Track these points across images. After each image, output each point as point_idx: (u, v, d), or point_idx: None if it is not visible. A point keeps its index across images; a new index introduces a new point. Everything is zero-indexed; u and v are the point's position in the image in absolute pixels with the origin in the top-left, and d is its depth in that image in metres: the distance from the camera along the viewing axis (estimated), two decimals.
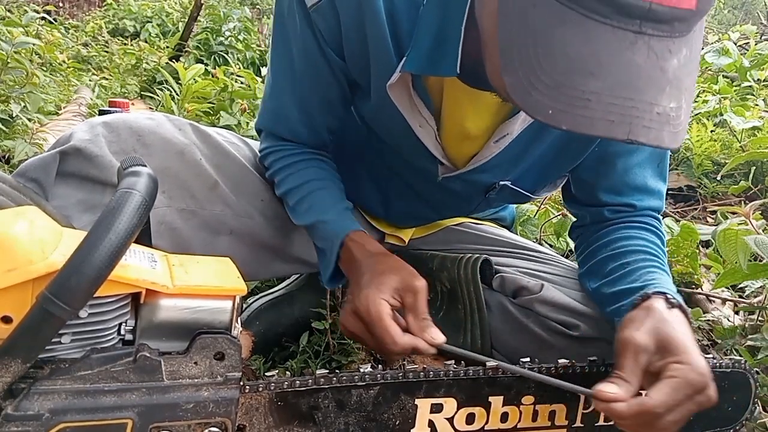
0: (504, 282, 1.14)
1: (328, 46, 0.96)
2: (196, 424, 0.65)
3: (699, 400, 0.76)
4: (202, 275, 0.67)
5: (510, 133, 0.95)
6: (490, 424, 0.82)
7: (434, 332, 0.85)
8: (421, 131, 0.97)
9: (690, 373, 0.75)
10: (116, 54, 4.82)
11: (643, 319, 0.81)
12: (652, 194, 1.06)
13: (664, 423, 0.74)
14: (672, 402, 0.74)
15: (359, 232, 0.99)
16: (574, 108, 0.59)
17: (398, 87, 0.91)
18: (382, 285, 0.87)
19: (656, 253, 0.99)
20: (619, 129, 0.59)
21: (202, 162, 1.06)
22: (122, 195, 0.57)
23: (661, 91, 0.60)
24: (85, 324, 0.60)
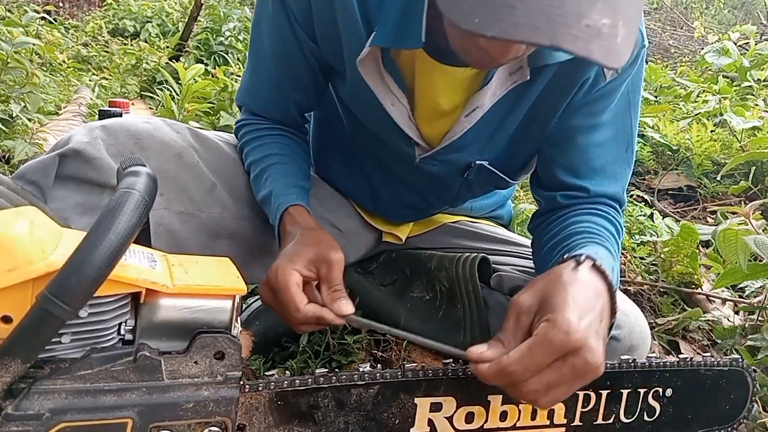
0: (502, 281, 1.14)
1: (300, 28, 0.98)
2: (196, 424, 0.65)
3: (574, 363, 0.69)
4: (201, 275, 0.67)
5: (480, 106, 0.94)
6: (489, 422, 0.82)
7: (343, 303, 0.86)
8: (393, 110, 0.97)
9: (551, 331, 0.69)
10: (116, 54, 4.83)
11: (537, 281, 0.77)
12: (610, 179, 1.02)
13: (530, 386, 0.70)
14: (531, 363, 0.69)
15: (297, 206, 0.99)
16: (499, 14, 0.59)
17: (368, 63, 0.92)
18: (296, 256, 0.88)
19: (598, 232, 0.94)
20: (543, 35, 0.59)
21: (199, 165, 1.07)
22: (122, 195, 0.57)
23: (591, 5, 0.60)
24: (85, 324, 0.60)
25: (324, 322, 0.86)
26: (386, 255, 1.34)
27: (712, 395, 0.92)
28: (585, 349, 0.69)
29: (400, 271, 1.31)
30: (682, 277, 1.74)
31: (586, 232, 0.93)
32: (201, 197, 1.06)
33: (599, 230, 0.94)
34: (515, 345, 0.72)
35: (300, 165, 1.10)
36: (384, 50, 0.91)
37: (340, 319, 0.86)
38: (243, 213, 1.11)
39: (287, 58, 1.04)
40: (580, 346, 0.69)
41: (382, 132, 1.04)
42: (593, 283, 0.77)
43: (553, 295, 0.73)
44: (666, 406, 0.89)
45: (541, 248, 1.03)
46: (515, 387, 0.71)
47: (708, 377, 0.90)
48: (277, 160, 1.07)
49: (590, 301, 0.74)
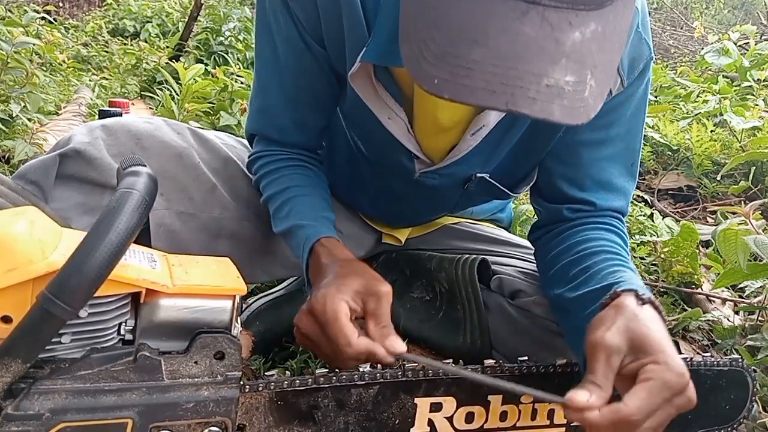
0: (502, 283, 1.14)
1: (309, 35, 0.95)
2: (196, 424, 0.65)
3: (678, 402, 0.70)
4: (201, 275, 0.67)
5: (486, 124, 0.92)
6: (489, 423, 0.82)
7: (395, 340, 0.79)
8: (390, 124, 0.95)
9: (667, 373, 0.70)
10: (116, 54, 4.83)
11: (614, 318, 0.75)
12: (616, 193, 1.01)
13: (643, 429, 0.69)
14: (649, 407, 0.69)
15: (330, 239, 0.94)
16: (456, 77, 0.58)
17: (360, 78, 0.90)
18: (342, 286, 0.82)
19: (618, 252, 0.93)
20: (500, 98, 0.58)
21: (200, 165, 1.06)
22: (122, 195, 0.57)
23: (553, 63, 0.58)
24: (85, 324, 0.60)
25: (374, 359, 0.79)
26: (386, 256, 1.34)
27: (712, 395, 0.91)
28: (689, 389, 0.71)
29: (399, 272, 1.31)
30: (682, 277, 1.74)
31: (606, 252, 0.93)
32: (201, 197, 1.06)
33: (618, 249, 0.94)
34: (609, 387, 0.71)
35: (324, 196, 1.05)
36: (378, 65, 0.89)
37: (391, 357, 0.79)
38: (243, 213, 1.11)
39: (304, 73, 0.99)
40: (687, 385, 0.71)
41: (382, 146, 1.02)
42: (660, 319, 0.77)
43: (644, 335, 0.73)
44: None
45: (552, 261, 1.01)
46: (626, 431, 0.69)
47: (708, 377, 0.90)
48: (299, 192, 1.01)
49: (670, 338, 0.75)
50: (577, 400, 0.69)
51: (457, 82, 0.58)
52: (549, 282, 1.02)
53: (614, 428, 0.69)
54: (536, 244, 1.09)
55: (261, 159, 1.06)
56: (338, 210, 1.26)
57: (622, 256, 0.93)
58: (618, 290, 0.80)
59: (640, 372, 0.71)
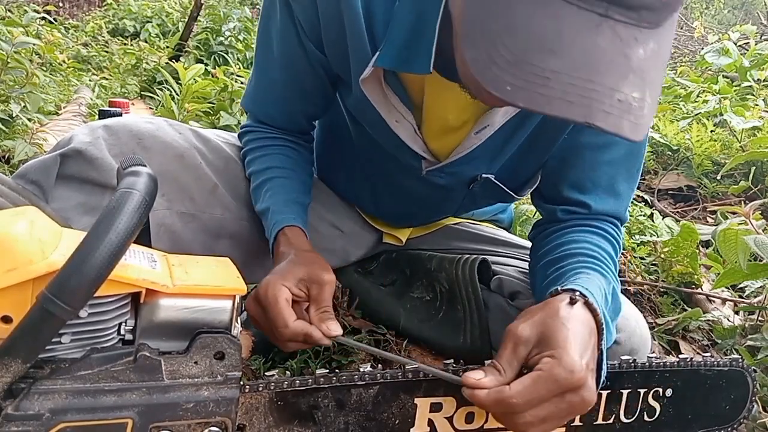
0: (502, 283, 1.14)
1: (307, 38, 0.97)
2: (196, 424, 0.65)
3: (571, 399, 0.71)
4: (201, 275, 0.67)
5: (491, 124, 0.93)
6: (489, 423, 0.82)
7: (332, 324, 0.85)
8: (398, 126, 0.96)
9: (556, 368, 0.70)
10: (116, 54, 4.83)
11: (535, 312, 0.77)
12: (615, 198, 1.01)
13: (526, 417, 0.70)
14: (531, 395, 0.69)
15: (293, 228, 0.99)
16: (532, 85, 0.58)
17: (371, 82, 0.91)
18: (288, 273, 0.87)
19: (596, 255, 0.93)
20: (577, 110, 0.58)
21: (201, 165, 1.06)
22: (122, 195, 0.57)
23: (623, 78, 0.59)
24: (85, 324, 0.60)
25: (311, 340, 0.85)
26: (386, 255, 1.34)
27: (712, 395, 0.91)
28: (584, 388, 0.71)
29: (400, 272, 1.31)
30: (682, 277, 1.74)
31: (582, 255, 0.93)
32: (202, 198, 1.06)
33: (595, 252, 0.94)
34: (511, 374, 0.73)
35: (302, 179, 1.09)
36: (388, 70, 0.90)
37: (327, 339, 0.85)
38: (244, 214, 1.11)
39: (294, 68, 1.02)
40: (581, 385, 0.71)
41: (389, 145, 1.03)
42: (587, 321, 0.77)
43: (553, 330, 0.74)
44: (666, 406, 0.89)
45: (536, 261, 1.02)
46: (510, 416, 0.71)
47: (708, 377, 0.90)
48: (279, 173, 1.06)
49: (586, 339, 0.75)
50: (469, 378, 0.72)
51: (533, 90, 0.58)
52: (532, 280, 1.04)
53: (498, 409, 0.71)
54: (533, 242, 1.10)
55: (250, 134, 1.12)
56: (339, 208, 1.26)
57: (599, 260, 0.92)
58: (559, 289, 0.81)
59: (537, 363, 0.72)
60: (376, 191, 1.21)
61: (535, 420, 0.71)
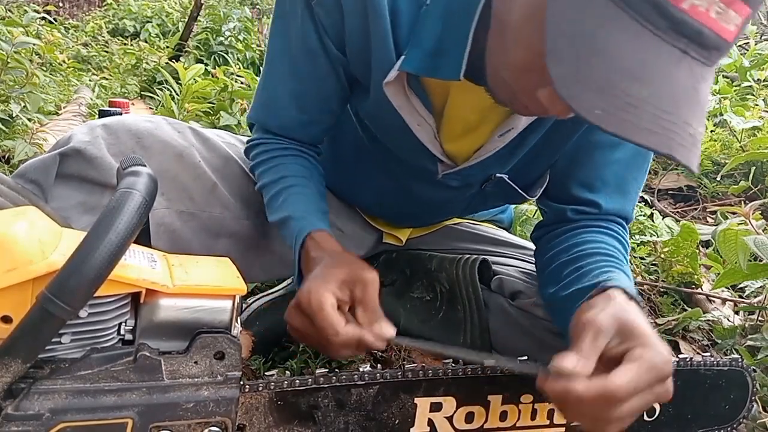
0: (502, 284, 1.14)
1: (329, 39, 0.94)
2: (196, 424, 0.65)
3: (657, 390, 0.70)
4: (201, 275, 0.67)
5: (515, 127, 0.93)
6: (489, 422, 0.82)
7: (384, 325, 0.81)
8: (419, 130, 0.96)
9: (656, 357, 0.70)
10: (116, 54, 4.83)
11: (603, 305, 0.76)
12: (624, 197, 1.02)
13: (621, 411, 0.68)
14: (635, 386, 0.68)
15: (321, 232, 0.94)
16: (620, 112, 0.59)
17: (395, 85, 0.90)
18: (328, 277, 0.83)
19: (614, 254, 0.94)
20: (661, 142, 0.59)
21: (201, 164, 1.06)
22: (122, 195, 0.57)
23: (693, 112, 0.61)
24: (85, 324, 0.60)
25: (364, 345, 0.81)
26: (386, 255, 1.34)
27: (711, 395, 0.91)
28: (670, 379, 0.71)
29: (400, 272, 1.31)
30: (682, 277, 1.74)
31: (601, 254, 0.93)
32: (202, 197, 1.06)
33: (614, 252, 0.94)
34: (592, 364, 0.70)
35: (319, 189, 1.05)
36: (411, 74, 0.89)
37: (381, 342, 0.81)
38: (244, 213, 1.11)
39: (315, 74, 0.99)
40: (670, 374, 0.71)
41: (403, 148, 1.02)
42: (644, 316, 0.78)
43: (632, 323, 0.73)
44: (666, 406, 0.89)
45: (548, 261, 1.01)
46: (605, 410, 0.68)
47: (707, 377, 0.90)
48: (295, 182, 1.01)
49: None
50: (563, 365, 0.68)
51: (621, 117, 0.59)
52: (545, 281, 1.02)
53: (595, 405, 0.67)
54: (537, 244, 1.09)
55: (259, 146, 1.07)
56: (339, 209, 1.26)
57: (618, 260, 0.93)
58: (607, 285, 0.81)
59: (628, 354, 0.71)
60: (382, 194, 1.20)
61: (629, 412, 0.69)
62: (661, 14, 0.57)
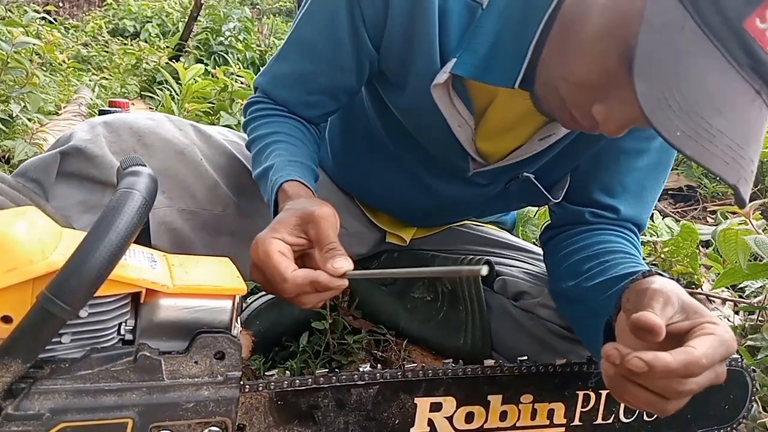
0: (506, 285, 1.14)
1: (365, 32, 0.92)
2: (196, 424, 0.65)
3: (718, 370, 0.67)
4: (201, 275, 0.67)
5: (556, 133, 0.93)
6: (489, 422, 0.82)
7: (339, 260, 0.75)
8: (459, 131, 0.96)
9: (726, 333, 0.68)
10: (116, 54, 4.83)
11: (661, 282, 0.74)
12: (642, 205, 1.03)
13: (693, 385, 0.65)
14: (714, 358, 0.65)
15: (292, 182, 0.88)
16: (700, 138, 0.61)
17: (441, 87, 0.90)
18: (278, 225, 0.79)
19: (633, 254, 0.95)
20: (731, 173, 0.62)
21: (202, 162, 1.06)
22: (122, 195, 0.56)
23: (756, 152, 0.64)
24: (85, 324, 0.60)
25: (321, 287, 0.75)
26: (387, 254, 1.34)
27: (711, 395, 0.91)
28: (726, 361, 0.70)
29: None
30: (682, 277, 1.74)
31: (626, 253, 0.95)
32: (203, 195, 1.06)
33: (632, 251, 0.96)
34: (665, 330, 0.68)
35: (309, 150, 1.00)
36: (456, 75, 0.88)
37: (338, 280, 0.75)
38: (245, 211, 1.10)
39: (333, 62, 0.96)
40: (730, 356, 0.70)
41: (437, 146, 1.02)
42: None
43: (693, 302, 0.72)
44: None
45: (565, 257, 1.02)
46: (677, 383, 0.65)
47: None
48: (285, 138, 0.98)
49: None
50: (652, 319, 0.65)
51: (700, 143, 0.61)
52: (560, 276, 1.02)
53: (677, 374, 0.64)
54: (548, 244, 1.10)
55: (258, 104, 1.05)
56: (343, 205, 1.26)
57: (637, 258, 0.95)
58: (648, 271, 0.80)
59: (698, 328, 0.68)
60: (393, 188, 1.18)
61: (696, 387, 0.66)
62: (746, 53, 0.61)
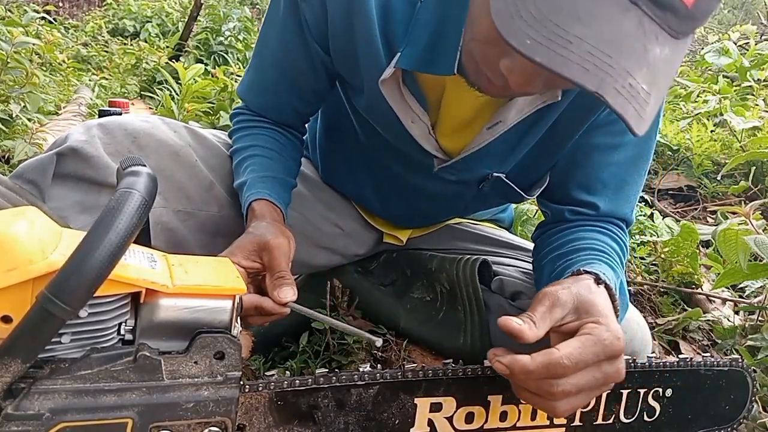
0: (503, 285, 1.14)
1: (312, 37, 0.97)
2: (196, 424, 0.65)
3: (607, 369, 0.70)
4: (201, 275, 0.67)
5: (504, 120, 0.92)
6: (489, 423, 0.82)
7: (284, 290, 0.81)
8: (413, 126, 0.96)
9: (605, 333, 0.70)
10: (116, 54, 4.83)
11: (569, 284, 0.77)
12: (623, 200, 1.02)
13: (566, 385, 0.68)
14: (580, 358, 0.68)
15: (260, 201, 0.95)
16: (554, 45, 0.59)
17: (390, 83, 0.91)
18: (235, 248, 0.84)
19: (605, 250, 0.94)
20: (591, 79, 0.59)
21: (197, 163, 1.06)
22: (122, 195, 0.56)
23: (638, 67, 0.60)
24: (85, 324, 0.60)
25: (264, 311, 0.81)
26: (387, 255, 1.34)
27: (712, 395, 0.91)
28: (620, 359, 0.71)
29: (400, 272, 1.31)
30: (682, 277, 1.74)
31: (591, 249, 0.94)
32: (199, 196, 1.06)
33: (606, 249, 0.94)
34: (543, 332, 0.71)
35: (286, 162, 1.08)
36: (406, 70, 0.90)
37: (280, 308, 0.81)
38: (241, 212, 1.10)
39: (291, 66, 1.03)
40: (619, 355, 0.71)
41: (402, 142, 1.03)
42: (611, 302, 0.79)
43: (591, 301, 0.74)
44: (666, 406, 0.89)
45: (542, 258, 1.02)
46: (548, 384, 0.69)
47: (708, 377, 0.90)
48: (261, 152, 1.05)
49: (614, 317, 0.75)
50: (511, 324, 0.69)
51: (553, 50, 0.59)
52: (538, 278, 1.03)
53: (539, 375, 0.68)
54: (535, 243, 1.10)
55: (240, 115, 1.13)
56: (340, 207, 1.26)
57: (608, 255, 0.93)
58: (581, 269, 0.82)
59: (581, 329, 0.71)
60: (383, 190, 1.20)
61: (573, 389, 0.69)
62: None
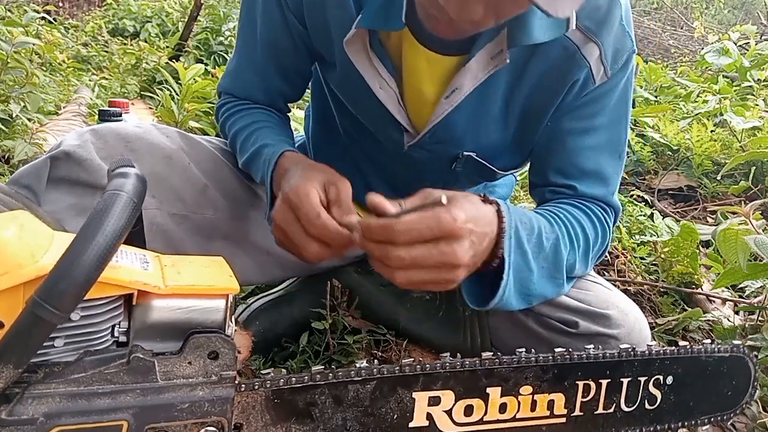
0: None
1: (290, 12, 1.00)
2: (192, 424, 0.65)
3: (444, 249, 0.74)
4: (194, 275, 0.66)
5: (459, 87, 0.93)
6: (488, 415, 0.82)
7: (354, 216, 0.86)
8: (382, 93, 0.97)
9: (444, 213, 0.73)
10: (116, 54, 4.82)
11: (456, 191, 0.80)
12: (601, 182, 1.04)
13: (400, 252, 0.73)
14: (412, 227, 0.73)
15: (293, 152, 1.00)
16: None
17: (355, 44, 0.93)
18: (311, 176, 0.89)
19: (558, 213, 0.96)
20: None
21: (190, 167, 1.07)
22: (109, 197, 0.56)
23: None
24: (77, 327, 0.60)
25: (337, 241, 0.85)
26: None
27: (713, 382, 0.91)
28: (458, 242, 0.75)
29: None
30: (682, 277, 1.73)
31: (545, 209, 0.97)
32: (193, 199, 1.06)
33: (561, 212, 0.96)
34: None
35: (288, 132, 1.11)
36: (372, 33, 0.92)
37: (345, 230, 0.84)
38: (236, 214, 1.11)
39: (275, 45, 1.05)
40: (458, 237, 0.74)
41: (372, 119, 1.05)
42: (489, 216, 0.82)
43: (458, 197, 0.78)
44: (667, 394, 0.89)
45: None
46: (385, 249, 0.74)
47: (709, 364, 0.90)
48: (265, 125, 1.08)
49: (480, 221, 0.79)
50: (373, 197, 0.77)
51: None
52: None
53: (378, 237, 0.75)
54: None
55: (227, 104, 1.15)
56: None
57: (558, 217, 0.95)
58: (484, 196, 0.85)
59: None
60: (367, 180, 1.21)
61: (407, 257, 0.73)
62: None
